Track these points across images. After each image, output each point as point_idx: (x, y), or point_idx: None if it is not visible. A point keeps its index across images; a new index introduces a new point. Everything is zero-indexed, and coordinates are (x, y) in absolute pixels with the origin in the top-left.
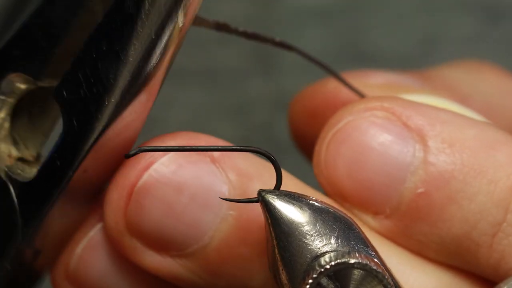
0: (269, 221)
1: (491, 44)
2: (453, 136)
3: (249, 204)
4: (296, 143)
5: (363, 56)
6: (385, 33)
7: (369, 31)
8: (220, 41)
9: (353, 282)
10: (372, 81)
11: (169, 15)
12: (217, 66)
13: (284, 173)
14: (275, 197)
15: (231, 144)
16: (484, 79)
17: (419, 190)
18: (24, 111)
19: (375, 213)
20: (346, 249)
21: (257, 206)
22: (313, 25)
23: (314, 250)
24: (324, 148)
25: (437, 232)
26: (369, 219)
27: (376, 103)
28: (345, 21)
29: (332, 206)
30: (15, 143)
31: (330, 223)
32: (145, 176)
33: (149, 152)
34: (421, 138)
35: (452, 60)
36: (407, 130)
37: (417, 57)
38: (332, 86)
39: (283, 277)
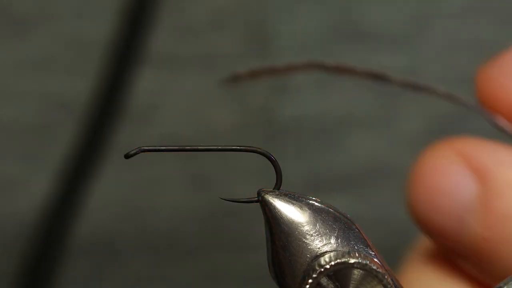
0: (269, 221)
1: (485, 17)
2: None
3: None
4: None
5: (358, 34)
6: (378, 10)
7: (362, 9)
8: (213, 26)
9: (353, 282)
10: None
11: None
12: (211, 52)
13: None
14: (275, 197)
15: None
16: None
17: (480, 232)
18: None
19: (457, 256)
20: (346, 249)
21: None
22: (305, 4)
23: (314, 250)
24: (408, 194)
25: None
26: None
27: (447, 144)
28: (338, 0)
29: (332, 206)
30: None
31: (330, 223)
32: None
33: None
34: (483, 179)
35: (447, 36)
36: (470, 171)
37: (411, 33)
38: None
39: (283, 277)
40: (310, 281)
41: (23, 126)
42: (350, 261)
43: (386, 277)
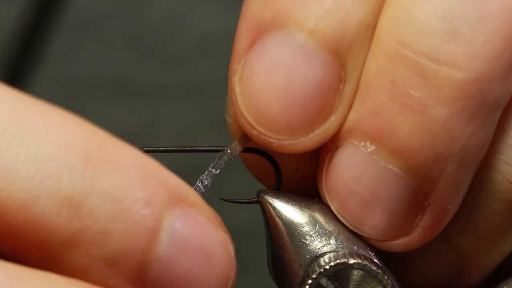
0: (269, 221)
1: None
2: None
3: None
4: None
5: None
6: None
7: None
8: (199, 54)
9: (353, 283)
10: None
11: None
12: (198, 79)
13: None
14: (275, 197)
15: None
16: None
17: None
18: None
19: None
20: (345, 250)
21: None
22: None
23: (313, 251)
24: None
25: None
26: None
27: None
28: None
29: None
30: None
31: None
32: None
33: None
34: None
35: None
36: None
37: None
38: None
39: (283, 277)
40: (309, 281)
41: None
42: (349, 262)
43: (385, 277)
